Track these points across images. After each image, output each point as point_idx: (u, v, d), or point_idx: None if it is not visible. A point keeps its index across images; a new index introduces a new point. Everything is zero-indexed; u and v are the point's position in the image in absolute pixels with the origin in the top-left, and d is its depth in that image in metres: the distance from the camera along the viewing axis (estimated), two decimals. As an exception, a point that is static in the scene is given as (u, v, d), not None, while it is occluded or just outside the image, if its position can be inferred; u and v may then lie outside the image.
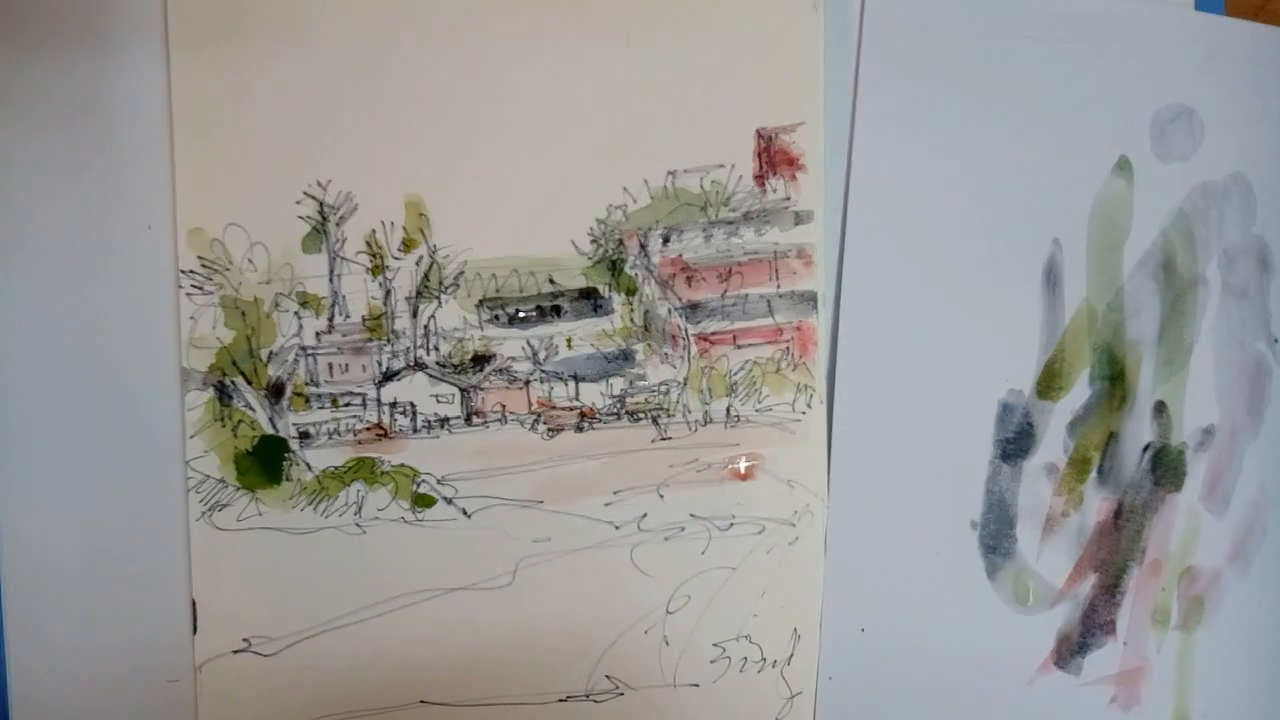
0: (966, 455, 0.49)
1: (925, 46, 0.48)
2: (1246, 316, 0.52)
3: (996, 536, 0.50)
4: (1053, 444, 0.50)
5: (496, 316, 0.46)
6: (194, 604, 0.45)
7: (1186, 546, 0.52)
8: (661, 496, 0.47)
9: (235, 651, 0.45)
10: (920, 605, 0.49)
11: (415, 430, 0.46)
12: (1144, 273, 0.50)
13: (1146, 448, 0.51)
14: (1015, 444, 0.50)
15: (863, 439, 0.48)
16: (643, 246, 0.47)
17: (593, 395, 0.47)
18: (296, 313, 0.45)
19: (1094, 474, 0.51)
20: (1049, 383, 0.50)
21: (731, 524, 0.48)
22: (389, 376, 0.46)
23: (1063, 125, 0.49)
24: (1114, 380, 0.50)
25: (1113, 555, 0.51)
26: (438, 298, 0.46)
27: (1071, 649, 0.51)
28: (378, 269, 0.45)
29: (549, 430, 0.47)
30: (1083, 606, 0.51)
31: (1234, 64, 0.50)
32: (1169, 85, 0.50)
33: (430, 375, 0.46)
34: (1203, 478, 0.52)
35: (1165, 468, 0.51)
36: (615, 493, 0.47)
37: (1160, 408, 0.51)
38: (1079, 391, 0.50)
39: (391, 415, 0.46)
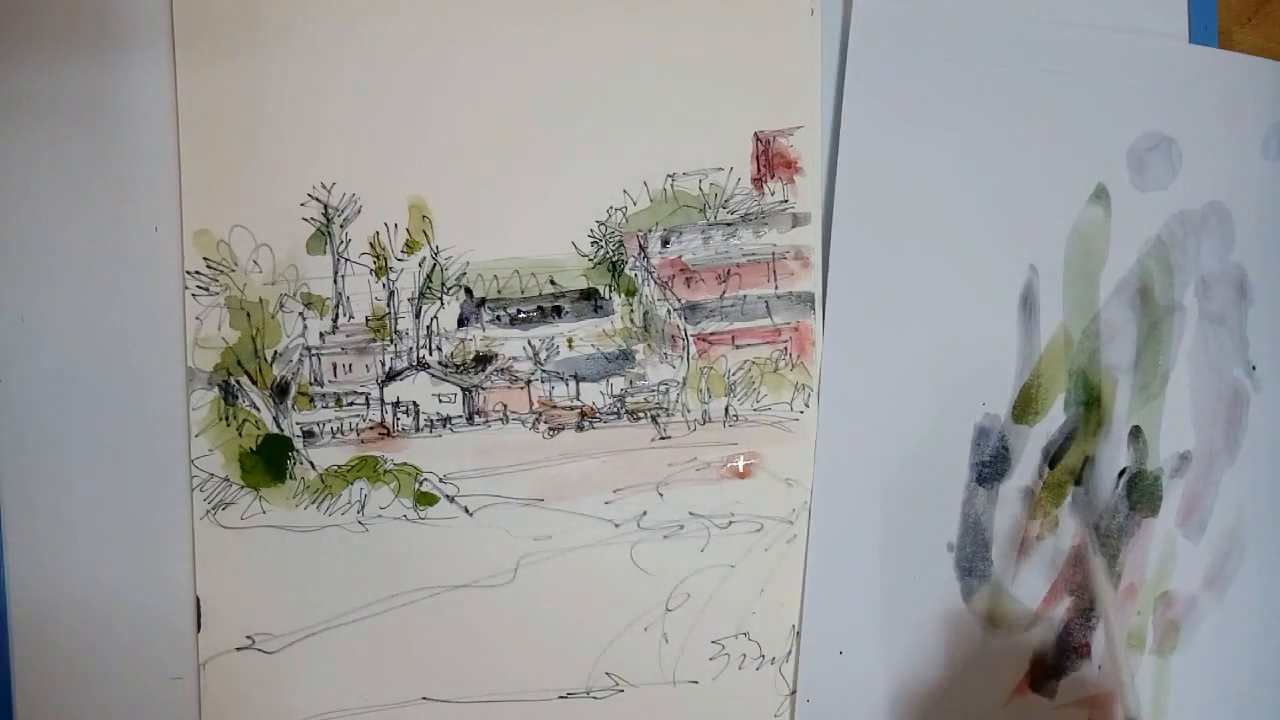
0: (943, 478, 0.49)
1: (906, 73, 0.48)
2: (1224, 343, 0.51)
3: (972, 559, 0.50)
4: (1028, 468, 0.50)
5: (498, 317, 0.46)
6: (198, 601, 0.45)
7: (1162, 571, 0.51)
8: (661, 495, 0.48)
9: (239, 648, 0.46)
10: (898, 627, 0.49)
11: (418, 429, 0.46)
12: (1120, 299, 0.50)
13: (1122, 473, 0.51)
14: (991, 467, 0.50)
15: (841, 463, 0.48)
16: (642, 248, 0.47)
17: (593, 395, 0.47)
18: (301, 313, 0.45)
19: (1069, 498, 0.50)
20: (1025, 407, 0.50)
21: (730, 522, 0.48)
22: (392, 376, 0.46)
23: (1041, 153, 0.49)
24: (1090, 405, 0.50)
25: (1088, 579, 0.51)
26: (440, 298, 0.46)
27: (1046, 672, 0.51)
28: (381, 270, 0.46)
29: (550, 429, 0.47)
30: (1058, 629, 0.51)
31: (1212, 94, 0.50)
32: (1147, 114, 0.50)
33: (433, 375, 0.46)
34: (1179, 503, 0.51)
35: (1141, 493, 0.51)
36: (615, 491, 0.47)
37: (1136, 433, 0.51)
38: (1055, 416, 0.50)
39: (394, 414, 0.46)
